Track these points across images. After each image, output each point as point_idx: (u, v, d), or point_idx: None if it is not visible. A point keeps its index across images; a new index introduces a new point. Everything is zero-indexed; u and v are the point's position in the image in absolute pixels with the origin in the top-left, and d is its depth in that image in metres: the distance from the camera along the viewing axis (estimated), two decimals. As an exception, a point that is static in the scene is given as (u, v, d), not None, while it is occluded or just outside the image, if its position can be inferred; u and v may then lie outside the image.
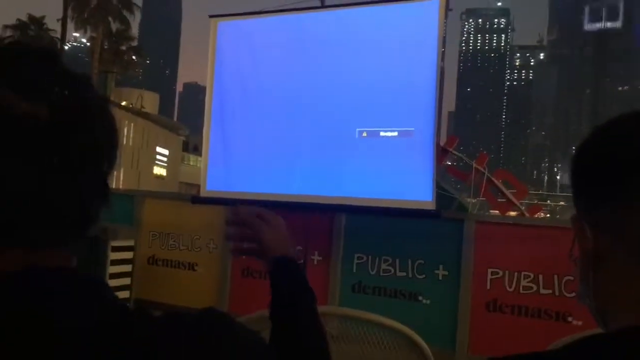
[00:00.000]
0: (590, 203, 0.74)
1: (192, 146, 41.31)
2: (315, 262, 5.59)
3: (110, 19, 38.98)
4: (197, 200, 5.92)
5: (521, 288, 4.79)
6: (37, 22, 39.50)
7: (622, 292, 0.70)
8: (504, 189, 6.48)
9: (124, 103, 32.31)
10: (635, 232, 0.68)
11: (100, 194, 0.72)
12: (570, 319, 4.58)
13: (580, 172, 0.76)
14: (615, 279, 0.71)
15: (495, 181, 6.43)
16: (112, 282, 5.47)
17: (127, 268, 5.74)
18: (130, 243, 5.84)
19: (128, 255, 5.78)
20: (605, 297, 0.73)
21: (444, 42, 5.04)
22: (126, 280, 5.73)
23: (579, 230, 0.75)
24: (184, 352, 0.65)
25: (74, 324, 0.62)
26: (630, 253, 0.69)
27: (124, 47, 40.26)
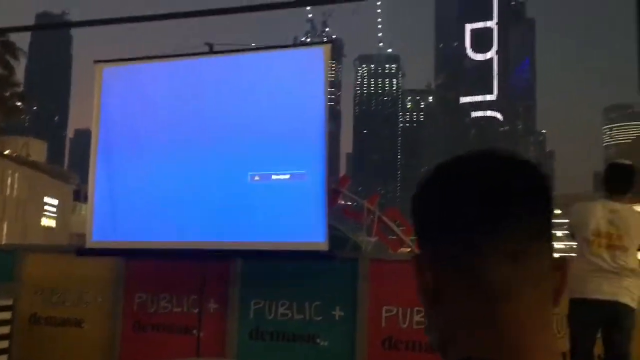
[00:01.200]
0: (427, 239, 0.77)
1: (84, 195, 39.37)
2: (212, 310, 5.44)
3: (-8, 63, 36.84)
4: (83, 252, 5.61)
5: (414, 323, 4.91)
6: None
7: (458, 325, 0.73)
8: (394, 227, 6.68)
9: (7, 152, 30.46)
10: (469, 265, 0.71)
11: None
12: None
13: (420, 209, 0.79)
14: (452, 312, 0.73)
15: (386, 220, 6.63)
16: (-14, 347, 5.02)
17: (5, 330, 5.29)
18: (9, 302, 5.39)
19: (6, 315, 5.33)
20: (445, 330, 0.75)
21: (339, 86, 5.25)
22: (4, 344, 5.26)
23: (417, 266, 0.77)
24: None
25: None
26: (465, 286, 0.72)
27: (7, 93, 38.08)
